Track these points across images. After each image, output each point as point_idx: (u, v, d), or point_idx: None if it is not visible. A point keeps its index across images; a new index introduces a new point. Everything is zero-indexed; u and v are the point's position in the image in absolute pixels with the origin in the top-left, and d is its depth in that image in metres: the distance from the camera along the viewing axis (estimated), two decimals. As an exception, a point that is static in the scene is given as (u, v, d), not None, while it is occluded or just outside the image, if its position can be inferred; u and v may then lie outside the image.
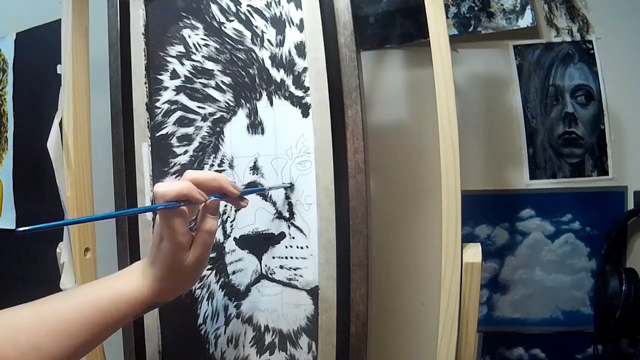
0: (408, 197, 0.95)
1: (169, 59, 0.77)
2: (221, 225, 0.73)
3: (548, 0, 0.89)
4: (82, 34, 0.77)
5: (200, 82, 0.75)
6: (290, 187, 0.69)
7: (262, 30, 0.71)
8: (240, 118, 0.72)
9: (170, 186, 0.49)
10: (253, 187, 0.70)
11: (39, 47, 1.19)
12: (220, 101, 0.74)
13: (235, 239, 0.73)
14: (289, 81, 0.70)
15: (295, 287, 0.70)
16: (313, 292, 0.69)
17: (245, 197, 0.57)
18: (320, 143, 0.67)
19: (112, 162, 0.81)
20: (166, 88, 0.77)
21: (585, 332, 0.89)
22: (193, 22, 0.75)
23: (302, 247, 0.69)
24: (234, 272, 0.73)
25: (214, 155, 0.74)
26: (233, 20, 0.73)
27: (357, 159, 0.66)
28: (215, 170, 0.74)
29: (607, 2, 0.88)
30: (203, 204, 0.52)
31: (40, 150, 0.80)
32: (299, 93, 0.69)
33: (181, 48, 0.76)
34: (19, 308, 0.48)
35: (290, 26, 0.69)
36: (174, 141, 0.77)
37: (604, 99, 0.88)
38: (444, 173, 0.60)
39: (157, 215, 0.50)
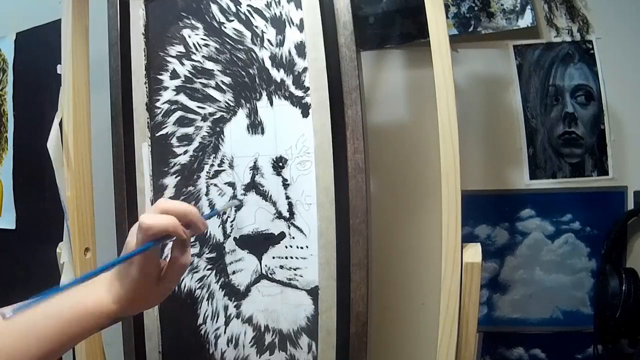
0: (408, 197, 0.95)
1: (169, 59, 0.77)
2: (221, 226, 0.74)
3: (548, 0, 0.89)
4: (82, 34, 0.77)
5: (200, 82, 0.75)
6: (239, 205, 0.70)
7: (262, 30, 0.71)
8: (240, 118, 0.72)
9: (156, 220, 0.49)
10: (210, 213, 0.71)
11: (39, 47, 1.19)
12: (220, 101, 0.74)
13: (235, 239, 0.73)
14: (289, 81, 0.70)
15: (295, 287, 0.70)
16: (313, 292, 0.69)
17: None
18: (320, 143, 0.67)
19: (112, 162, 0.81)
20: (166, 88, 0.77)
21: (585, 332, 0.89)
22: (193, 22, 0.75)
23: (302, 247, 0.69)
24: (234, 272, 0.73)
25: (214, 155, 0.74)
26: (233, 20, 0.73)
27: (357, 159, 0.66)
28: (215, 171, 0.74)
29: (607, 2, 0.88)
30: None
31: (40, 150, 0.80)
32: (299, 93, 0.69)
33: (181, 48, 0.76)
34: None
35: (290, 26, 0.69)
36: (174, 141, 0.77)
37: (604, 99, 0.88)
38: (444, 173, 0.60)
39: (128, 241, 0.50)
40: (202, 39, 0.75)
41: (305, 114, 0.69)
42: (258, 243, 0.71)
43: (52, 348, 0.48)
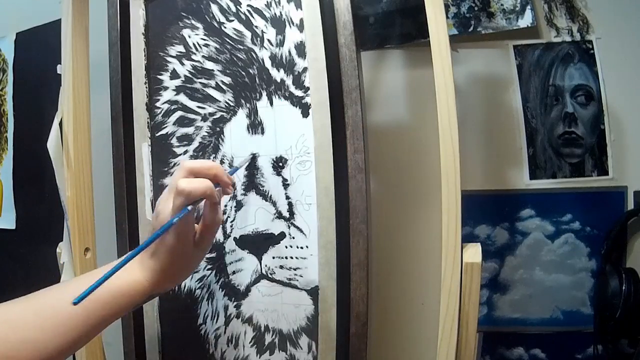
0: (408, 197, 0.95)
1: (169, 59, 0.77)
2: (221, 226, 0.74)
3: (548, 0, 0.89)
4: (82, 34, 0.77)
5: (200, 82, 0.75)
6: (252, 160, 0.69)
7: (262, 30, 0.71)
8: (240, 118, 0.72)
9: (194, 185, 0.49)
10: (234, 167, 0.70)
11: (39, 47, 1.19)
12: (220, 101, 0.74)
13: (235, 239, 0.73)
14: (289, 81, 0.70)
15: (295, 287, 0.70)
16: (313, 292, 0.69)
17: (233, 184, 0.57)
18: (320, 143, 0.67)
19: (112, 162, 0.80)
20: (166, 88, 0.77)
21: (585, 332, 0.89)
22: (193, 22, 0.75)
23: (302, 247, 0.69)
24: (234, 272, 0.73)
25: (214, 155, 0.74)
26: (233, 20, 0.73)
27: (357, 159, 0.66)
28: (215, 170, 0.74)
29: (607, 2, 0.88)
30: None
31: (40, 150, 0.80)
32: (299, 93, 0.69)
33: (181, 48, 0.76)
34: (10, 303, 0.48)
35: (290, 26, 0.69)
36: (174, 141, 0.77)
37: (604, 99, 0.88)
38: (444, 173, 0.60)
39: (159, 211, 0.49)
40: (202, 39, 0.75)
41: (305, 114, 0.69)
42: (258, 243, 0.71)
43: (84, 333, 0.47)
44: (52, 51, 0.85)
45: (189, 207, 0.49)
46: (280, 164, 0.70)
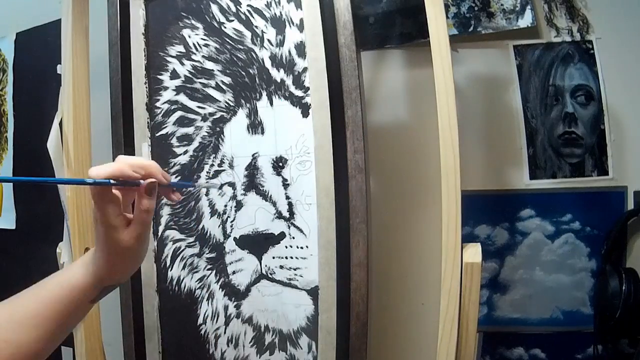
0: (408, 197, 0.94)
1: (169, 59, 0.77)
2: (221, 226, 0.74)
3: (548, 0, 0.89)
4: (82, 34, 0.77)
5: (200, 82, 0.75)
6: (219, 188, 0.70)
7: (262, 30, 0.71)
8: (240, 118, 0.72)
9: (103, 167, 0.50)
10: (185, 181, 0.70)
11: (39, 47, 1.19)
12: (220, 101, 0.74)
13: (235, 239, 0.73)
14: (289, 81, 0.70)
15: (295, 287, 0.70)
16: (313, 292, 0.69)
17: (176, 190, 0.58)
18: (320, 143, 0.67)
19: (112, 162, 0.80)
20: (166, 88, 0.77)
21: (585, 332, 0.89)
22: (193, 22, 0.75)
23: (302, 247, 0.69)
24: (234, 272, 0.73)
25: (214, 155, 0.74)
26: (233, 20, 0.73)
27: (357, 159, 0.66)
28: (215, 171, 0.74)
29: (607, 2, 0.88)
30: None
31: (40, 150, 0.80)
32: (299, 93, 0.69)
33: (181, 48, 0.76)
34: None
35: (290, 26, 0.69)
36: (174, 141, 0.77)
37: (604, 99, 0.88)
38: (444, 173, 0.60)
39: (93, 202, 0.52)
40: (202, 39, 0.75)
41: (305, 114, 0.69)
42: (258, 243, 0.71)
43: (50, 329, 0.51)
44: (52, 51, 0.85)
45: (88, 180, 0.50)
46: (280, 164, 0.70)
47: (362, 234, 0.66)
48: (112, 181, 0.50)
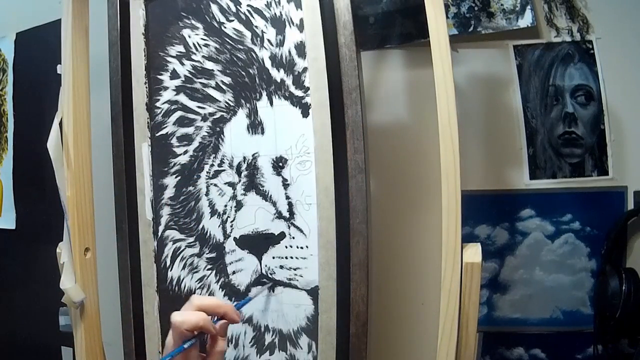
0: (408, 197, 0.94)
1: (169, 59, 0.77)
2: (221, 226, 0.74)
3: (548, 0, 0.89)
4: (82, 34, 0.77)
5: (200, 82, 0.75)
6: (270, 287, 0.71)
7: (262, 30, 0.71)
8: (240, 118, 0.72)
9: (187, 317, 0.51)
10: (247, 296, 0.71)
11: (39, 47, 1.19)
12: (220, 101, 0.74)
13: (235, 239, 0.73)
14: (289, 81, 0.70)
15: (295, 287, 0.70)
16: (313, 292, 0.69)
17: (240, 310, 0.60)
18: (320, 143, 0.67)
19: (112, 162, 0.80)
20: (166, 88, 0.77)
21: (585, 332, 0.89)
22: (193, 22, 0.75)
23: (302, 247, 0.69)
24: (234, 272, 0.73)
25: (214, 155, 0.74)
26: (233, 20, 0.73)
27: (357, 159, 0.66)
28: (215, 171, 0.74)
29: (607, 2, 0.88)
30: None
31: (40, 150, 0.80)
32: (299, 93, 0.69)
33: (181, 48, 0.76)
34: None
35: (290, 26, 0.69)
36: (174, 141, 0.77)
37: (604, 99, 0.88)
38: (444, 173, 0.60)
39: (167, 342, 0.53)
40: (202, 39, 0.75)
41: (305, 114, 0.69)
42: (258, 243, 0.71)
43: None
44: (52, 51, 0.85)
45: (185, 345, 0.51)
46: (280, 164, 0.70)
47: (362, 234, 0.66)
48: (185, 346, 0.51)
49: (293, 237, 0.70)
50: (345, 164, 0.67)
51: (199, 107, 0.75)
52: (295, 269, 0.70)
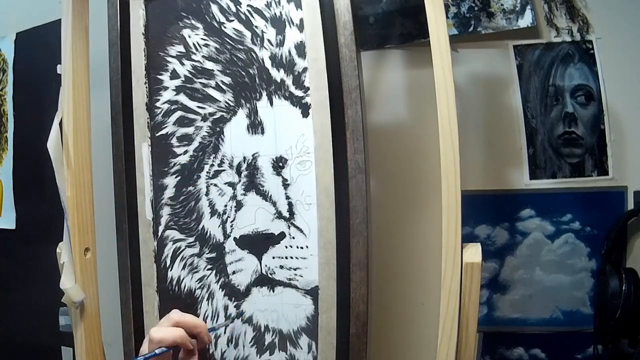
0: (408, 197, 0.94)
1: (169, 59, 0.77)
2: (221, 226, 0.74)
3: (548, 0, 0.89)
4: (82, 34, 0.77)
5: (200, 82, 0.75)
6: (234, 319, 0.73)
7: (262, 30, 0.71)
8: (240, 118, 0.72)
9: (166, 334, 0.55)
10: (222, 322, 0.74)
11: (39, 47, 1.19)
12: (220, 101, 0.74)
13: (235, 239, 0.73)
14: (289, 81, 0.70)
15: (295, 287, 0.70)
16: (313, 292, 0.69)
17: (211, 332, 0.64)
18: (320, 143, 0.67)
19: (112, 162, 0.81)
20: (166, 88, 0.77)
21: (585, 332, 0.89)
22: (193, 22, 0.75)
23: (302, 247, 0.69)
24: (234, 272, 0.73)
25: (214, 155, 0.74)
26: (233, 20, 0.73)
27: (357, 159, 0.66)
28: (215, 171, 0.74)
29: (607, 2, 0.88)
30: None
31: (40, 150, 0.80)
32: (299, 93, 0.69)
33: (181, 48, 0.76)
34: None
35: (290, 26, 0.69)
36: (174, 141, 0.77)
37: (604, 99, 0.88)
38: (444, 173, 0.60)
39: (142, 350, 0.57)
40: (202, 39, 0.75)
41: (305, 114, 0.69)
42: (258, 243, 0.71)
43: None
44: (52, 51, 0.85)
45: (157, 351, 0.55)
46: (280, 164, 0.70)
47: (362, 234, 0.66)
48: (157, 351, 0.55)
49: (293, 237, 0.70)
50: (345, 164, 0.67)
51: (199, 107, 0.75)
52: (295, 269, 0.70)
